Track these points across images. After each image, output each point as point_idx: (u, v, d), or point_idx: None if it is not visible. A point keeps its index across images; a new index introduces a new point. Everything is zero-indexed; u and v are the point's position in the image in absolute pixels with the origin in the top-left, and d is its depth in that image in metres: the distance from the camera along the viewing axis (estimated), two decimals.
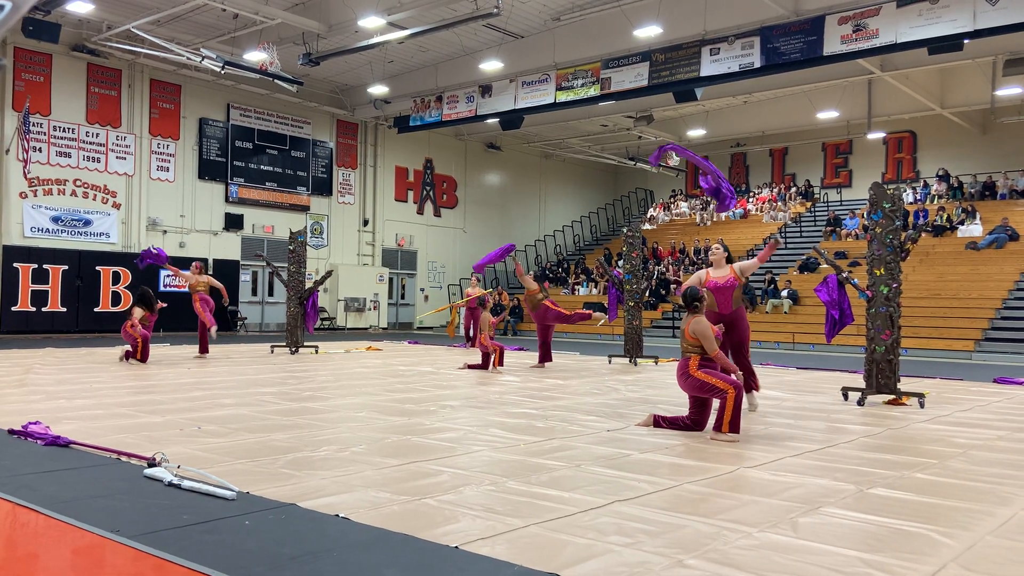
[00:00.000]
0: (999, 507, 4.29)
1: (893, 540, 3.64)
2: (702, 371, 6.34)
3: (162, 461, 4.71)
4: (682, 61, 17.30)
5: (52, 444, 5.45)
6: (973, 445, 6.24)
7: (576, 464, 5.15)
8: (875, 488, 4.65)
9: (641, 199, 34.42)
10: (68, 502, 4.02)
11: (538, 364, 12.72)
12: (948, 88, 23.55)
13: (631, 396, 9.01)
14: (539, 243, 31.38)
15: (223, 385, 9.33)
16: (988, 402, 9.13)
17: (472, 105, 21.13)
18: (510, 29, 19.62)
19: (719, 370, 6.39)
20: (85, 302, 19.52)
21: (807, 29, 15.64)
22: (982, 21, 13.80)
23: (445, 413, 7.40)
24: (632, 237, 14.34)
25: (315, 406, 7.69)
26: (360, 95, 24.34)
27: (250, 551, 3.34)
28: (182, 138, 21.85)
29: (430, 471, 4.87)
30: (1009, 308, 18.57)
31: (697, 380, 6.34)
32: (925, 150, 27.18)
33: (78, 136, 19.89)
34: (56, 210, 19.53)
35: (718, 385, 6.26)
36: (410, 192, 27.72)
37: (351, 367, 12.21)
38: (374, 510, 3.96)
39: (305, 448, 5.53)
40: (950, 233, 22.86)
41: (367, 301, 25.41)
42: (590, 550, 3.40)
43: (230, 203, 22.84)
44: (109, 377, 9.92)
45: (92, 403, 7.54)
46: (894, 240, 8.78)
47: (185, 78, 21.57)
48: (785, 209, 27.96)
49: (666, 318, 22.79)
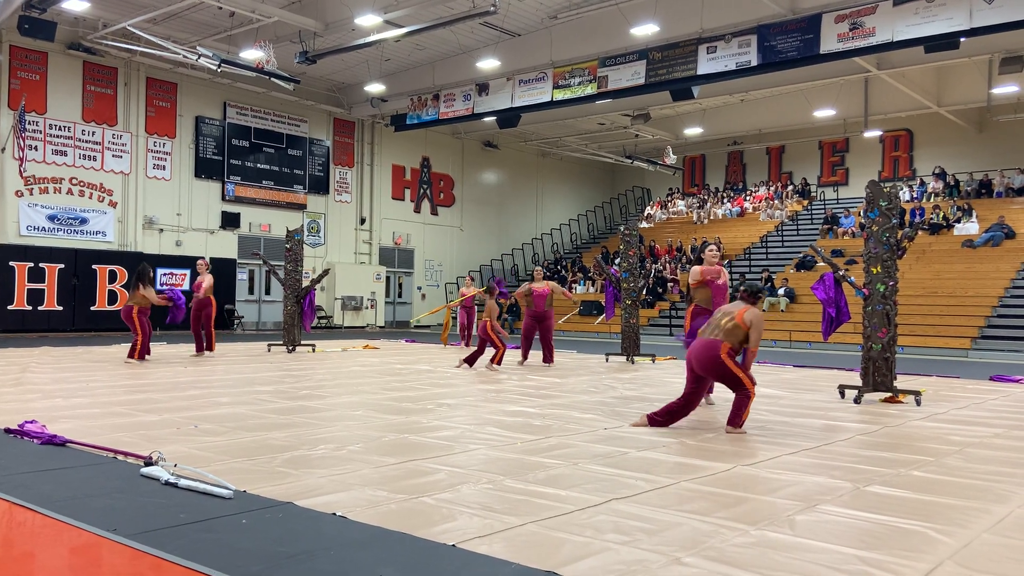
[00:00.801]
0: (996, 504, 4.29)
1: (890, 538, 3.64)
2: (734, 361, 6.42)
3: (159, 460, 4.70)
4: (679, 59, 17.30)
5: (48, 443, 5.44)
6: (970, 443, 6.25)
7: (573, 462, 5.16)
8: (872, 486, 4.66)
9: (638, 197, 34.44)
10: (65, 501, 4.01)
11: (545, 363, 12.84)
12: (944, 86, 23.59)
13: (628, 394, 9.02)
14: (536, 241, 31.38)
15: (220, 384, 9.32)
16: (984, 400, 9.15)
17: (469, 103, 21.12)
18: (507, 27, 19.61)
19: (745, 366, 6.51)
20: (81, 301, 19.49)
21: (804, 27, 15.65)
22: (978, 19, 13.82)
23: (442, 411, 7.40)
24: (629, 235, 14.34)
25: (312, 405, 7.68)
26: (357, 93, 24.31)
27: (247, 550, 3.33)
28: (178, 136, 21.82)
29: (427, 469, 4.87)
30: (1005, 306, 18.61)
31: (728, 369, 6.41)
32: (921, 148, 27.22)
33: (74, 134, 19.85)
34: (52, 208, 19.49)
35: (745, 383, 6.41)
36: (407, 191, 27.70)
37: (348, 366, 12.21)
38: (371, 508, 3.96)
39: (302, 447, 5.53)
40: (946, 231, 22.90)
41: (364, 300, 25.40)
42: (588, 548, 3.40)
43: (227, 201, 22.80)
44: (106, 376, 9.90)
45: (88, 402, 7.53)
46: (891, 238, 8.79)
47: (181, 76, 21.53)
48: (782, 207, 28.00)
49: (663, 316, 22.80)
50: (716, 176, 32.46)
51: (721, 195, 30.68)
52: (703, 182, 32.55)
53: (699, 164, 32.88)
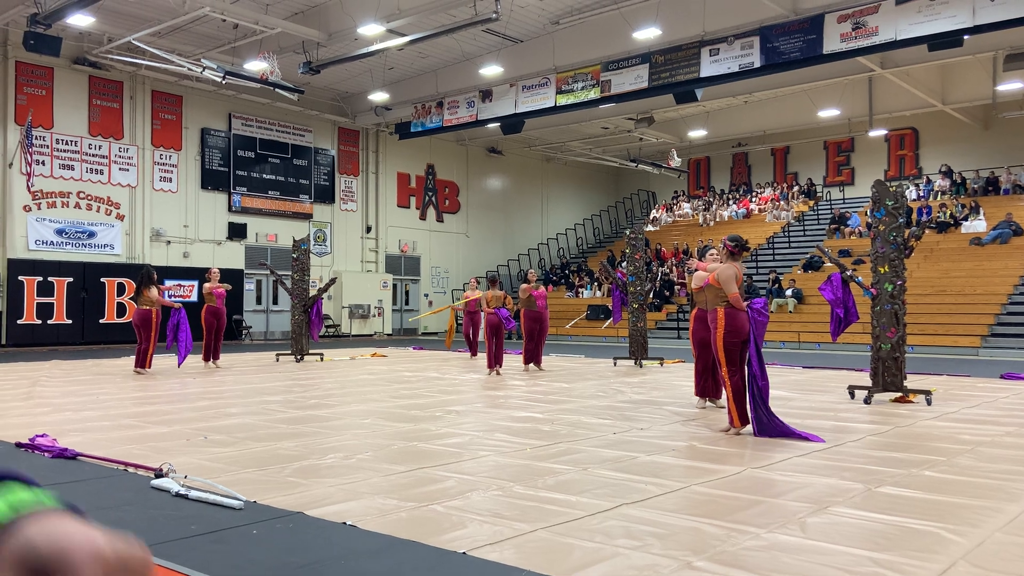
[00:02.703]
0: (1008, 504, 4.27)
1: (902, 539, 3.62)
2: (722, 337, 6.45)
3: (169, 471, 4.71)
4: (682, 62, 17.30)
5: (59, 456, 5.46)
6: (981, 442, 6.21)
7: (583, 467, 5.15)
8: (883, 487, 4.64)
9: (643, 200, 34.41)
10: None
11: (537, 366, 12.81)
12: (949, 84, 23.52)
13: (637, 398, 9.00)
14: (542, 246, 31.39)
15: (229, 394, 9.34)
16: (995, 398, 9.10)
17: (473, 110, 21.16)
18: (509, 34, 19.64)
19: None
20: (90, 314, 19.57)
21: (806, 28, 15.64)
22: (981, 16, 13.78)
23: (451, 418, 7.39)
24: (635, 239, 14.33)
25: (321, 414, 7.69)
26: (361, 102, 24.38)
27: (258, 560, 3.34)
28: (184, 148, 21.91)
29: (437, 477, 4.87)
30: (1015, 303, 18.51)
31: (716, 342, 6.52)
32: (927, 146, 27.14)
33: (81, 148, 19.96)
34: (60, 223, 19.59)
35: (721, 363, 6.47)
36: (412, 198, 27.75)
37: (356, 374, 12.22)
38: (381, 517, 3.96)
39: (312, 456, 5.53)
40: (954, 229, 22.80)
41: (371, 307, 25.43)
42: (598, 554, 3.40)
43: (233, 212, 22.88)
44: (115, 388, 9.94)
45: (99, 415, 7.55)
46: (898, 237, 8.76)
47: (186, 89, 21.64)
48: (788, 208, 27.93)
49: (671, 319, 22.76)
50: (721, 178, 32.42)
51: (727, 197, 30.63)
52: (708, 184, 32.50)
53: (704, 166, 32.85)
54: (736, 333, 6.40)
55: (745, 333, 6.38)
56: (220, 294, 13.34)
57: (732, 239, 6.70)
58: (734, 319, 6.39)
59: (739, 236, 6.81)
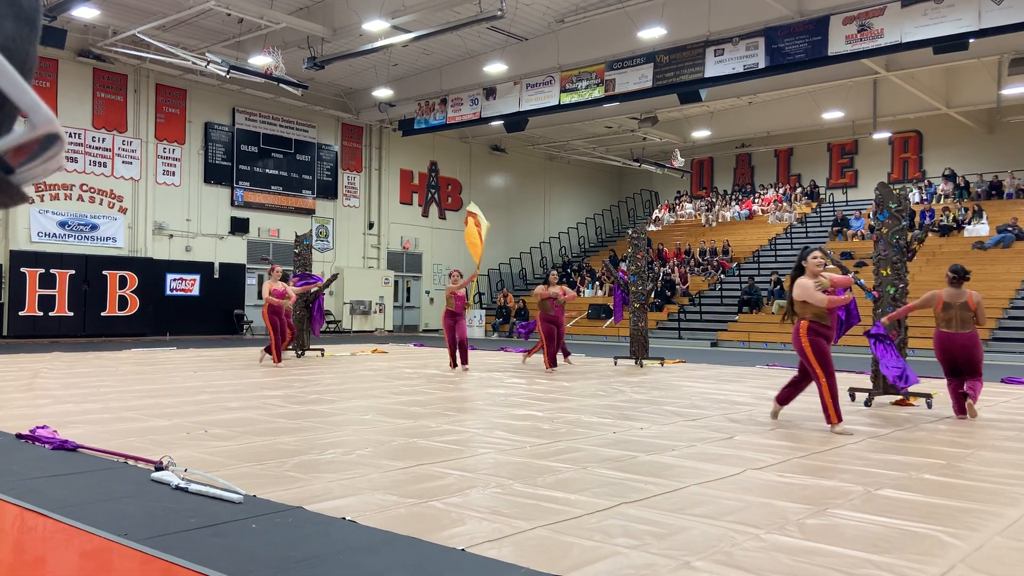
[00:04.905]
0: (1008, 508, 4.27)
1: (901, 541, 3.62)
2: (809, 341, 6.75)
3: (169, 465, 4.72)
4: (686, 62, 17.28)
5: (60, 448, 5.47)
6: (981, 445, 6.21)
7: (582, 466, 5.15)
8: (883, 489, 4.64)
9: (646, 200, 34.40)
10: (76, 506, 4.03)
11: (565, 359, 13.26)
12: (954, 87, 23.49)
13: (637, 398, 9.00)
14: (544, 245, 31.38)
15: (229, 388, 9.35)
16: (996, 402, 9.09)
17: (476, 107, 21.15)
18: (514, 31, 19.63)
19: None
20: (92, 306, 19.58)
21: (811, 29, 15.62)
22: (987, 20, 13.76)
23: (451, 415, 7.40)
24: (637, 238, 14.33)
25: (321, 409, 7.70)
26: (365, 98, 24.38)
27: (257, 554, 3.34)
28: (188, 142, 21.91)
29: (436, 474, 4.87)
30: (1016, 308, 18.50)
31: (801, 348, 6.83)
32: (931, 150, 27.11)
33: (84, 141, 19.97)
34: (63, 215, 19.60)
35: (815, 367, 6.71)
36: (415, 195, 27.74)
37: (357, 370, 12.22)
38: (380, 513, 3.96)
39: (311, 451, 5.54)
40: (957, 233, 22.78)
41: (372, 304, 25.43)
42: (597, 552, 3.40)
43: (236, 207, 22.88)
44: (116, 381, 9.95)
45: (99, 407, 7.56)
46: (900, 240, 8.76)
47: (190, 83, 21.64)
48: (791, 210, 27.91)
49: (672, 319, 22.75)
50: (724, 179, 32.39)
51: (729, 198, 30.61)
52: (711, 185, 32.48)
53: (707, 167, 32.82)
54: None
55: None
56: (280, 293, 12.88)
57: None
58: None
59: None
